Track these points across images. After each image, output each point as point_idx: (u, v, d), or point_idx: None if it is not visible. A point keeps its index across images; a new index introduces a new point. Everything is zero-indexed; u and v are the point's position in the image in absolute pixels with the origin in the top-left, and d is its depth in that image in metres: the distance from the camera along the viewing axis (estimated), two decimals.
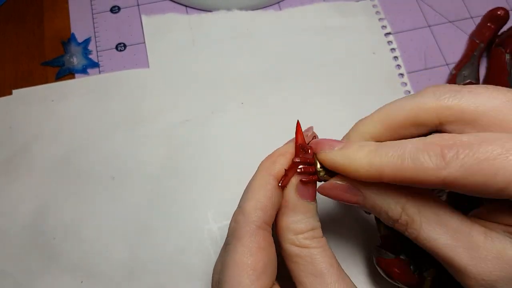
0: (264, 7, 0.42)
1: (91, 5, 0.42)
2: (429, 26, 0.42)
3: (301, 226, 0.23)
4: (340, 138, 0.26)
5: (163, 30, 0.41)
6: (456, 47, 0.41)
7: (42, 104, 0.37)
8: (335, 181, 0.23)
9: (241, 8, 0.42)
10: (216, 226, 0.33)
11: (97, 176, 0.35)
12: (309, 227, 0.23)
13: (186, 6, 0.42)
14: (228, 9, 0.41)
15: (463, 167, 0.19)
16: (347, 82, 0.38)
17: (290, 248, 0.23)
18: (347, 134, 0.26)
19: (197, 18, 0.41)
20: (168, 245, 0.32)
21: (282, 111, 0.37)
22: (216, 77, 0.39)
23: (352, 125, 0.26)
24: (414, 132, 0.23)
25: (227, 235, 0.24)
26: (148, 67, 0.39)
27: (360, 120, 0.25)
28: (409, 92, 0.38)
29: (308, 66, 0.39)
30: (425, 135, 0.21)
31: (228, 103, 0.37)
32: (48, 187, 0.34)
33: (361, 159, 0.21)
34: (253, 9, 0.42)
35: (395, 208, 0.22)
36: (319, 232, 0.24)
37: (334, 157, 0.23)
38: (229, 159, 0.35)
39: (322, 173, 0.24)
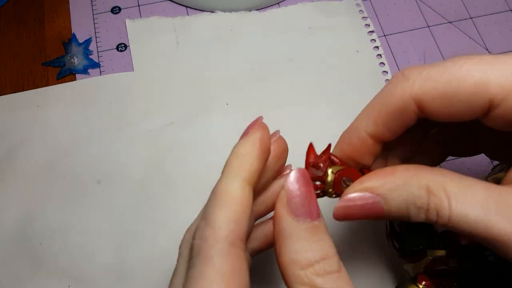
0: (263, 8, 0.42)
1: (92, 6, 0.42)
2: (428, 26, 0.42)
3: (308, 255, 0.18)
4: (324, 138, 0.23)
5: (147, 33, 0.41)
6: (455, 47, 0.41)
7: (28, 109, 0.37)
8: (349, 195, 0.20)
9: (244, 9, 0.42)
10: None
11: (83, 180, 0.35)
12: (319, 255, 0.18)
13: (186, 7, 0.42)
14: (212, 10, 0.42)
15: (428, 79, 0.19)
16: (331, 81, 0.39)
17: None
18: (342, 139, 0.23)
19: (181, 20, 0.41)
20: (155, 248, 0.32)
21: (267, 111, 0.37)
22: (200, 78, 0.39)
23: (342, 129, 0.24)
24: (406, 119, 0.20)
25: (189, 254, 0.19)
26: (133, 70, 0.39)
27: (353, 125, 0.22)
28: None
29: (292, 66, 0.39)
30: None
31: (213, 104, 0.38)
32: (34, 192, 0.34)
33: (343, 133, 0.22)
34: (253, 9, 0.42)
35: (420, 192, 0.19)
36: (334, 263, 0.18)
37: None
38: (215, 160, 0.35)
39: (331, 190, 0.21)
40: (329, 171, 0.21)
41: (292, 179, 0.19)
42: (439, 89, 0.18)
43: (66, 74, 0.39)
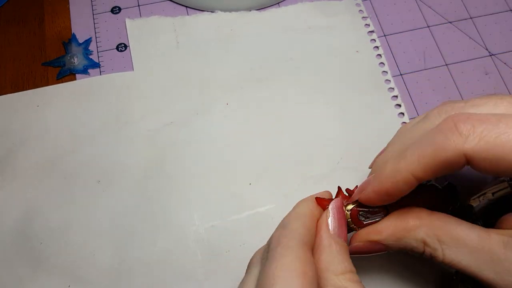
0: (263, 8, 0.42)
1: (92, 6, 0.42)
2: (428, 26, 0.42)
3: (339, 267, 0.22)
4: (324, 137, 0.30)
5: (147, 33, 0.41)
6: (455, 47, 0.41)
7: (28, 109, 0.37)
8: (359, 243, 0.25)
9: (244, 9, 0.42)
10: (202, 228, 0.33)
11: (83, 180, 0.35)
12: (349, 268, 0.22)
13: (186, 7, 0.42)
14: (212, 10, 0.42)
15: (481, 137, 0.20)
16: (331, 81, 0.39)
17: None
18: (386, 177, 0.23)
19: (180, 20, 0.41)
20: (155, 247, 0.32)
21: (266, 111, 0.37)
22: (200, 78, 0.39)
23: (376, 158, 0.28)
24: (455, 168, 0.22)
25: (261, 260, 0.23)
26: (133, 70, 0.39)
27: (400, 166, 0.22)
28: (393, 89, 0.38)
29: (292, 66, 0.39)
30: None
31: (212, 104, 0.38)
32: (34, 192, 0.34)
33: (389, 170, 0.23)
34: (253, 9, 0.42)
35: (417, 245, 0.23)
36: (357, 276, 0.23)
37: (371, 189, 0.24)
38: (215, 160, 0.35)
39: (352, 225, 0.25)
40: (346, 210, 0.25)
41: (334, 205, 0.25)
42: (492, 152, 0.20)
43: (66, 74, 0.39)
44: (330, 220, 0.24)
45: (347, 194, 0.26)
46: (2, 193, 0.34)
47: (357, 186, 0.26)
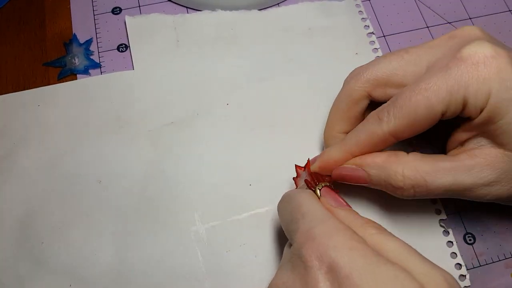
0: (263, 8, 0.42)
1: (93, 6, 0.42)
2: (427, 27, 0.42)
3: (358, 220, 0.25)
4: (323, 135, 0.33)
5: (147, 31, 0.41)
6: None
7: (28, 109, 0.37)
8: (345, 165, 0.29)
9: (245, 8, 0.42)
10: (203, 228, 0.33)
11: (84, 180, 0.35)
12: (364, 220, 0.25)
13: (187, 7, 0.42)
14: (213, 9, 0.42)
15: (395, 117, 0.26)
16: (331, 82, 0.38)
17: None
18: (325, 142, 0.33)
19: (181, 18, 0.41)
20: (156, 247, 0.32)
21: (267, 111, 0.37)
22: (200, 78, 0.39)
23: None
24: (359, 109, 0.30)
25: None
26: (133, 69, 0.39)
27: (327, 126, 0.32)
28: None
29: (292, 66, 0.39)
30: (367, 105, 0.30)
31: (213, 104, 0.38)
32: (35, 192, 0.34)
33: (336, 152, 0.29)
34: (254, 9, 0.42)
35: (395, 176, 0.27)
36: (377, 223, 0.25)
37: (319, 163, 0.30)
38: (215, 160, 0.35)
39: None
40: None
41: (324, 191, 0.28)
42: (406, 123, 0.26)
43: (67, 75, 0.39)
44: (328, 200, 0.27)
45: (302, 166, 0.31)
46: (2, 193, 0.34)
47: (309, 159, 0.31)
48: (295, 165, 0.31)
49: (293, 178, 0.31)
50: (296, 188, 0.30)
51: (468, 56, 0.25)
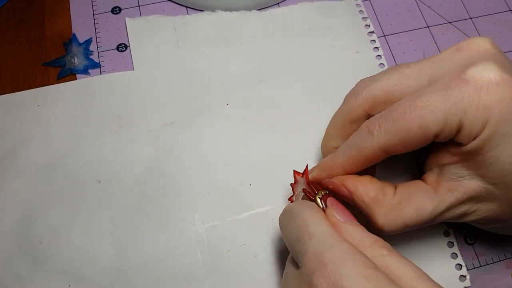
0: (263, 8, 0.42)
1: (92, 6, 0.42)
2: (428, 26, 0.42)
3: (368, 240, 0.24)
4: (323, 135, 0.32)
5: (147, 32, 0.41)
6: None
7: (28, 109, 0.37)
8: (334, 180, 0.28)
9: (245, 8, 0.42)
10: (203, 228, 0.33)
11: (84, 180, 0.35)
12: (373, 240, 0.24)
13: (187, 7, 0.42)
14: (213, 10, 0.42)
15: (386, 131, 0.25)
16: (331, 81, 0.39)
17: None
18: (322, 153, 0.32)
19: (181, 19, 0.41)
20: (156, 247, 0.32)
21: (267, 111, 0.37)
22: (200, 78, 0.39)
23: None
24: (356, 127, 0.28)
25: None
26: (133, 69, 0.39)
27: (324, 140, 0.32)
28: None
29: (292, 66, 0.39)
30: None
31: (213, 104, 0.38)
32: (35, 192, 0.34)
33: (326, 165, 0.29)
34: (254, 9, 0.42)
35: (377, 221, 0.27)
36: (387, 243, 0.24)
37: (315, 174, 0.29)
38: (215, 160, 0.35)
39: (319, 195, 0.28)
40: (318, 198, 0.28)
41: (330, 202, 0.27)
42: (397, 140, 0.25)
43: (66, 74, 0.39)
44: (335, 212, 0.26)
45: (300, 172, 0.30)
46: (2, 193, 0.34)
47: (307, 165, 0.30)
48: (294, 170, 0.30)
49: (291, 184, 0.30)
50: (293, 194, 0.30)
51: (472, 78, 0.24)
